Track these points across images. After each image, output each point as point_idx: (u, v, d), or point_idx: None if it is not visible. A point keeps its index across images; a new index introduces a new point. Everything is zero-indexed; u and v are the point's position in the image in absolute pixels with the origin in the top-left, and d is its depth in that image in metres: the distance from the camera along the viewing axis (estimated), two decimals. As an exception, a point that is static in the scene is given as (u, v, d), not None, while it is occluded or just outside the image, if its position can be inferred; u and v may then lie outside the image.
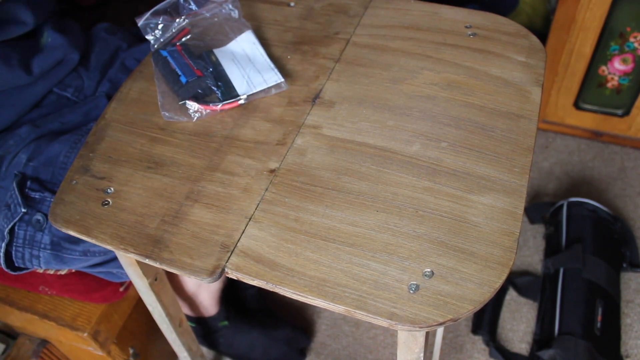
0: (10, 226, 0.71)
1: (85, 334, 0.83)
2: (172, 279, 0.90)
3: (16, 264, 0.74)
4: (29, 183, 0.72)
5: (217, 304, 1.03)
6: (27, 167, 0.74)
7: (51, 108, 0.81)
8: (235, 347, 1.07)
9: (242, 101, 0.64)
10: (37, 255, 0.73)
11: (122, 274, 0.81)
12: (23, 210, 0.71)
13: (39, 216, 0.72)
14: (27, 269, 0.76)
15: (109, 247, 0.55)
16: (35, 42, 0.81)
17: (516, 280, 1.20)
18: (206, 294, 1.00)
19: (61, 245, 0.73)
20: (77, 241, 0.74)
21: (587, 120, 1.40)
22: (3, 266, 0.74)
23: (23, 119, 0.79)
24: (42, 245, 0.73)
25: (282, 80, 0.65)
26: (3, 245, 0.72)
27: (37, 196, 0.72)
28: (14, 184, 0.71)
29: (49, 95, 0.81)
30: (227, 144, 0.61)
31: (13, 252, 0.73)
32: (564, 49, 1.27)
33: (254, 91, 0.64)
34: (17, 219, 0.71)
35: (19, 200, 0.71)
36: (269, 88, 0.65)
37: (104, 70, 0.86)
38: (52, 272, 0.82)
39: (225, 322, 1.05)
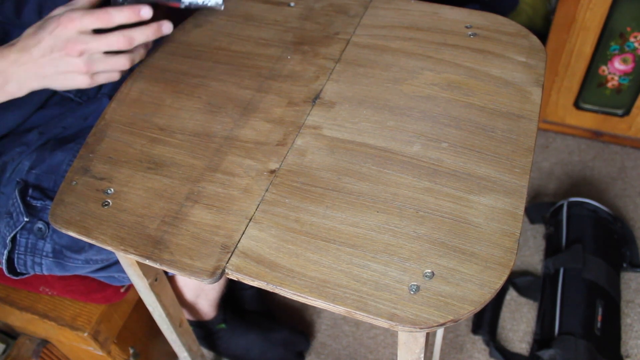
0: (12, 235, 0.71)
1: (86, 334, 0.83)
2: (172, 287, 0.89)
3: (18, 270, 0.74)
4: (30, 191, 0.72)
5: (215, 309, 1.03)
6: (29, 174, 0.74)
7: (55, 110, 0.81)
8: (232, 349, 1.07)
9: (182, 6, 0.67)
10: (40, 262, 0.73)
11: (124, 278, 0.81)
12: (26, 219, 0.70)
13: (40, 224, 0.71)
14: (29, 273, 0.75)
15: (109, 248, 0.54)
16: None
17: (516, 280, 1.20)
18: (205, 302, 0.99)
19: (63, 253, 0.73)
20: (79, 250, 0.73)
21: (587, 120, 1.40)
22: (5, 272, 0.74)
23: (28, 121, 0.79)
24: (44, 253, 0.72)
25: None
26: (5, 252, 0.72)
27: (38, 204, 0.72)
28: (16, 192, 0.71)
29: (52, 96, 0.81)
30: (227, 144, 0.61)
31: (15, 259, 0.73)
32: (564, 49, 1.27)
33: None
34: (19, 227, 0.71)
35: (22, 208, 0.70)
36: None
37: None
38: (53, 273, 0.82)
39: (223, 325, 1.05)
